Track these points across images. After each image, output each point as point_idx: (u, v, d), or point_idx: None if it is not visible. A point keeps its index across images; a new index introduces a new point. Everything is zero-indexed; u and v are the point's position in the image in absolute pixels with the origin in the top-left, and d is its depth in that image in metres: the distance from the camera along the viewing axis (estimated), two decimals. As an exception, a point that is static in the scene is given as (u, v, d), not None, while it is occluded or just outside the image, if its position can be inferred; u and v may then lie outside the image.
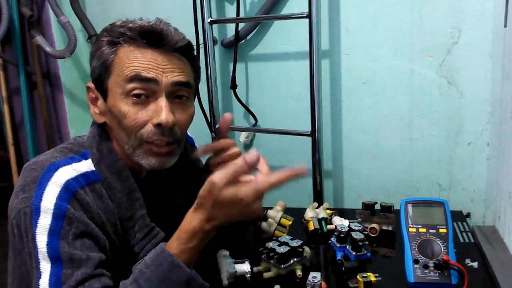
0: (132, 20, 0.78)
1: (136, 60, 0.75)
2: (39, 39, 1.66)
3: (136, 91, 0.75)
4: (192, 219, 0.71)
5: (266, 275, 0.95)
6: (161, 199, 0.90)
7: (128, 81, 0.75)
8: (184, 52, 0.80)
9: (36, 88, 1.81)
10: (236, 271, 0.95)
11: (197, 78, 0.87)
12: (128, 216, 0.80)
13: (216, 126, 0.80)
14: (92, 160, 0.79)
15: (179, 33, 0.80)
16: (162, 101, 0.76)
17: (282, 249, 0.94)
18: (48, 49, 1.66)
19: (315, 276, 0.89)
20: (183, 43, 0.79)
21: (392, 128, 1.38)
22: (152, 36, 0.76)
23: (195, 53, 0.90)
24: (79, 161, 0.78)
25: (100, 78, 0.79)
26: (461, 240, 1.09)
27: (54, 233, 0.69)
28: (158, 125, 0.75)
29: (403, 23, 1.30)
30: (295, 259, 0.95)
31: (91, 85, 0.82)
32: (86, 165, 0.78)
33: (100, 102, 0.81)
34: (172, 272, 0.68)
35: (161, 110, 0.75)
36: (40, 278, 0.67)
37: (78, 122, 1.83)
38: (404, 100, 1.35)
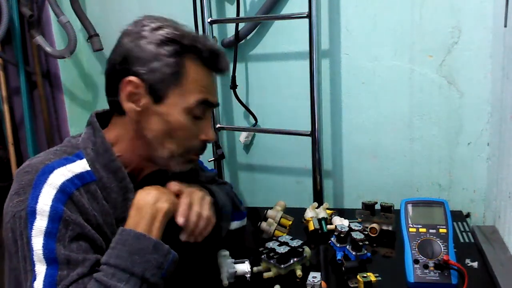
0: (196, 34, 0.82)
1: (204, 82, 0.81)
2: (39, 39, 1.66)
3: (199, 111, 0.80)
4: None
5: (266, 275, 0.95)
6: None
7: (197, 102, 0.79)
8: None
9: (36, 88, 1.81)
10: (236, 271, 0.95)
11: None
12: (123, 217, 0.79)
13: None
14: (87, 160, 0.79)
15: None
16: (209, 120, 0.84)
17: (282, 249, 0.94)
18: (48, 49, 1.66)
19: (315, 276, 0.89)
20: (228, 69, 0.86)
21: (392, 128, 1.38)
22: (218, 61, 0.81)
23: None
24: (74, 161, 0.77)
25: (160, 82, 0.77)
26: (461, 240, 1.09)
27: (50, 235, 0.69)
28: (205, 141, 0.83)
29: (403, 23, 1.30)
30: (295, 259, 0.95)
31: (137, 80, 0.77)
32: (81, 166, 0.77)
33: (147, 102, 0.78)
34: (138, 242, 0.72)
35: (209, 128, 0.84)
36: (34, 280, 0.67)
37: (78, 122, 1.83)
38: (404, 100, 1.35)
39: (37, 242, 0.68)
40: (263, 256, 0.97)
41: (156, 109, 0.78)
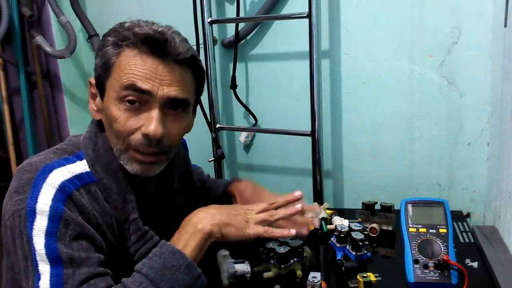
0: (141, 24, 0.76)
1: (135, 68, 0.73)
2: (39, 39, 1.66)
3: (130, 98, 0.74)
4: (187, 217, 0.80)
5: (266, 275, 0.95)
6: (160, 199, 0.90)
7: (123, 89, 0.74)
8: (189, 64, 0.78)
9: (36, 88, 1.81)
10: (236, 271, 0.95)
11: (200, 90, 0.85)
12: (123, 218, 0.79)
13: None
14: (87, 161, 0.78)
15: (185, 45, 0.77)
16: (154, 112, 0.75)
17: (282, 249, 0.94)
18: (48, 49, 1.66)
19: (315, 276, 0.89)
20: (186, 55, 0.76)
21: (392, 128, 1.38)
22: (155, 44, 0.74)
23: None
24: (74, 162, 0.77)
25: (100, 77, 0.78)
26: (461, 240, 1.09)
27: (51, 235, 0.69)
28: (146, 135, 0.74)
29: (403, 23, 1.30)
30: (295, 259, 0.95)
31: (93, 80, 0.81)
32: (80, 166, 0.77)
33: (98, 99, 0.80)
34: (173, 258, 0.72)
35: (151, 121, 0.74)
36: (39, 279, 0.67)
37: (78, 122, 1.83)
38: (404, 100, 1.35)
39: (39, 241, 0.68)
40: (263, 256, 0.97)
41: (103, 105, 0.79)
